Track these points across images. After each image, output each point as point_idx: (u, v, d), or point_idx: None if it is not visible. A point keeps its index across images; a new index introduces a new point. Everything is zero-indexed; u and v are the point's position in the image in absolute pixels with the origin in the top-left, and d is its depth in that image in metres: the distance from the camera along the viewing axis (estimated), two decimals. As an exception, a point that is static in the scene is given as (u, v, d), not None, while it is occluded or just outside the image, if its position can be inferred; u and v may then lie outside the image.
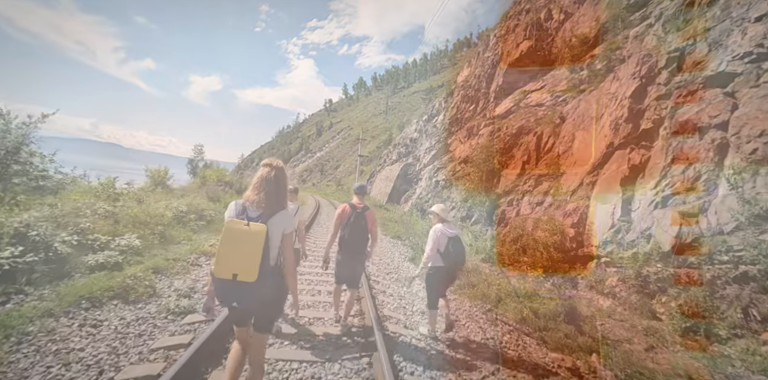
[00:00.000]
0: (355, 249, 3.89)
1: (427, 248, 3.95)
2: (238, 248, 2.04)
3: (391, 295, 5.57)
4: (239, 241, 2.05)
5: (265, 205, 2.20)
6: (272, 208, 2.21)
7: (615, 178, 7.40)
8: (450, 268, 3.96)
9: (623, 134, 7.67)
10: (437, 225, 4.04)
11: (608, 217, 7.05)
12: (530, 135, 12.90)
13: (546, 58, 18.60)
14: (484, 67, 24.45)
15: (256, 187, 2.25)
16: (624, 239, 6.59)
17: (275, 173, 2.28)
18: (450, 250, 3.88)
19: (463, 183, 14.19)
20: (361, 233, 3.87)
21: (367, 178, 36.10)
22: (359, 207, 3.94)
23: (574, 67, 14.93)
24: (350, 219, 3.87)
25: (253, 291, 2.11)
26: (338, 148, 78.01)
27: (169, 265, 5.31)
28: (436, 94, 44.34)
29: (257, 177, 2.28)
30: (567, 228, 7.63)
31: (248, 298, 2.13)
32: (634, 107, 7.70)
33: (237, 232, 2.06)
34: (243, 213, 2.17)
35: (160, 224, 6.85)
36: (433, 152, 24.56)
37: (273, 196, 2.24)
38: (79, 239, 4.73)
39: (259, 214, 2.17)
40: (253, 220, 2.13)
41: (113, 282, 4.07)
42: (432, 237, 3.95)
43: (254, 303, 2.16)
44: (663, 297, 5.49)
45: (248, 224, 2.08)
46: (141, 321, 3.58)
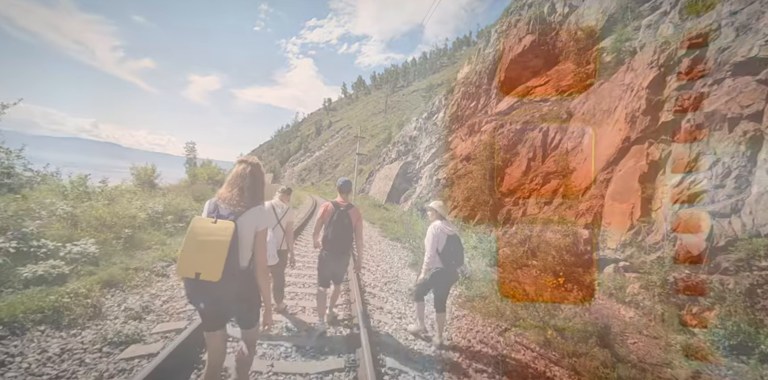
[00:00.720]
0: (338, 249, 3.78)
1: (427, 249, 3.74)
2: (201, 246, 1.95)
3: (389, 313, 4.53)
4: (203, 239, 1.96)
5: (237, 202, 2.10)
6: (243, 205, 2.11)
7: (632, 174, 6.82)
8: (449, 270, 3.72)
9: (641, 127, 7.09)
10: (436, 222, 3.81)
11: (626, 217, 6.47)
12: (535, 131, 12.33)
13: (550, 53, 18.06)
14: (485, 63, 23.89)
15: (230, 183, 2.16)
16: (645, 241, 6.01)
17: (250, 169, 2.21)
18: (449, 250, 3.67)
19: (465, 181, 13.60)
20: (344, 232, 3.76)
21: (366, 177, 35.51)
22: (342, 205, 3.82)
23: (580, 61, 14.40)
24: (333, 218, 3.76)
25: (220, 292, 2.00)
26: (337, 147, 77.41)
27: (127, 277, 4.57)
28: (436, 91, 43.75)
29: (232, 173, 2.20)
30: (580, 230, 7.05)
31: (216, 299, 2.03)
32: (652, 98, 7.12)
33: (202, 230, 1.98)
34: (214, 211, 2.11)
35: (129, 227, 6.15)
36: (434, 150, 23.98)
37: (247, 193, 2.15)
38: (19, 246, 4.03)
39: (231, 212, 2.07)
40: (223, 218, 2.04)
41: (46, 301, 3.29)
42: (431, 236, 3.73)
43: (223, 304, 2.07)
44: (693, 308, 4.91)
45: (215, 221, 2.01)
46: (67, 355, 2.78)
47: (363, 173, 38.02)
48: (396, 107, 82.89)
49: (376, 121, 78.21)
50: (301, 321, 3.96)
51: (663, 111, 6.93)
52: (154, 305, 3.96)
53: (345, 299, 4.83)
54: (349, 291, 5.08)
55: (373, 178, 32.47)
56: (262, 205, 2.23)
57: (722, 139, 5.85)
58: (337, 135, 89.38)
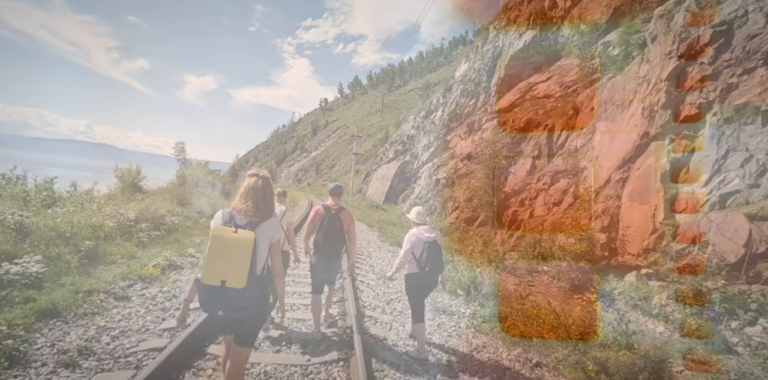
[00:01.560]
0: (330, 252, 3.81)
1: (401, 252, 3.78)
2: (226, 255, 2.04)
3: (394, 347, 3.79)
4: (228, 248, 2.05)
5: (252, 213, 2.21)
6: (259, 216, 2.23)
7: (653, 173, 6.29)
8: (427, 275, 3.69)
9: (660, 122, 6.57)
10: (412, 229, 3.83)
11: (648, 220, 5.94)
12: (540, 128, 11.81)
13: (552, 48, 17.58)
14: (484, 60, 23.40)
15: (243, 195, 2.27)
16: (671, 246, 5.48)
17: (262, 182, 2.32)
18: (425, 257, 3.66)
19: (467, 181, 13.06)
20: (335, 235, 3.79)
21: (363, 177, 34.92)
22: (334, 209, 3.86)
23: (584, 55, 13.91)
24: (324, 222, 3.79)
25: (240, 299, 2.09)
26: (334, 147, 76.77)
27: (75, 303, 3.78)
28: (433, 89, 43.19)
29: (244, 186, 2.31)
30: (596, 233, 6.52)
31: (235, 305, 2.11)
32: (672, 91, 6.60)
33: (225, 239, 2.06)
34: (231, 221, 2.17)
35: (91, 238, 5.42)
36: (432, 149, 23.46)
37: (260, 205, 2.26)
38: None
39: (247, 222, 2.18)
40: (240, 228, 2.12)
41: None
42: (407, 243, 3.75)
43: (240, 310, 2.14)
44: (733, 322, 4.38)
45: (236, 231, 2.08)
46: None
47: (360, 173, 37.45)
48: (393, 107, 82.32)
49: (372, 121, 77.62)
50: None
51: (685, 104, 6.41)
52: (98, 343, 3.19)
53: (341, 325, 4.29)
54: (345, 316, 4.54)
55: (370, 178, 31.89)
56: (275, 217, 2.36)
57: (755, 134, 5.34)
58: (333, 135, 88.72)
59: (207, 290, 2.05)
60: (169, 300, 4.57)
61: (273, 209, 2.37)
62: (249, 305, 2.13)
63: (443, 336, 4.22)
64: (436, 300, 5.27)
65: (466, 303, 5.33)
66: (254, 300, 2.16)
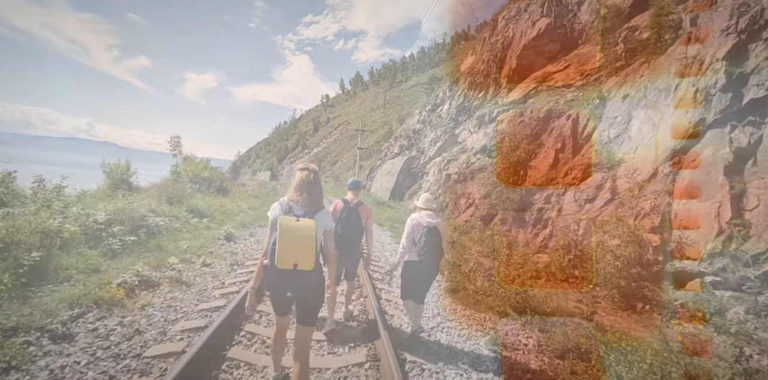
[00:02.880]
0: (348, 245, 3.88)
1: (402, 238, 3.80)
2: (295, 241, 2.24)
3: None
4: (295, 234, 2.25)
5: (309, 204, 2.47)
6: (314, 206, 2.49)
7: (713, 166, 5.47)
8: (423, 263, 3.68)
9: (719, 107, 5.74)
10: (413, 214, 3.88)
11: (711, 219, 5.13)
12: (562, 118, 10.97)
13: (567, 36, 16.69)
14: (492, 51, 22.48)
15: (298, 188, 2.51)
16: (744, 250, 4.68)
17: (313, 176, 2.56)
18: (424, 241, 3.64)
19: (482, 176, 12.25)
20: (354, 228, 3.88)
21: (366, 174, 34.09)
22: (352, 203, 3.96)
23: (606, 42, 13.05)
24: (342, 215, 3.86)
25: (307, 280, 2.33)
26: (336, 144, 75.88)
27: None
28: (438, 83, 42.21)
29: (298, 179, 2.53)
30: (646, 234, 5.71)
31: (303, 286, 2.33)
32: (732, 71, 5.76)
33: (292, 227, 2.26)
34: (290, 212, 2.40)
35: (41, 247, 4.25)
36: (440, 143, 22.61)
37: (314, 196, 2.51)
38: None
39: (305, 212, 2.42)
40: (300, 217, 2.35)
41: None
42: (407, 227, 3.78)
43: (307, 291, 2.37)
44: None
45: (298, 220, 2.31)
46: None
47: (363, 169, 36.63)
48: (395, 102, 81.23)
49: (375, 117, 76.65)
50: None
51: (749, 86, 5.57)
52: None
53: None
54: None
55: (374, 175, 31.05)
56: (326, 208, 2.61)
57: None
58: (335, 131, 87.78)
59: (279, 274, 2.27)
60: (129, 339, 3.24)
61: (323, 200, 2.59)
62: (314, 286, 2.39)
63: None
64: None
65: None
66: (319, 281, 2.43)
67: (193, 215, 8.43)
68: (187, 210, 8.37)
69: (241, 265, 6.46)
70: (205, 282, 5.24)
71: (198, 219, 8.28)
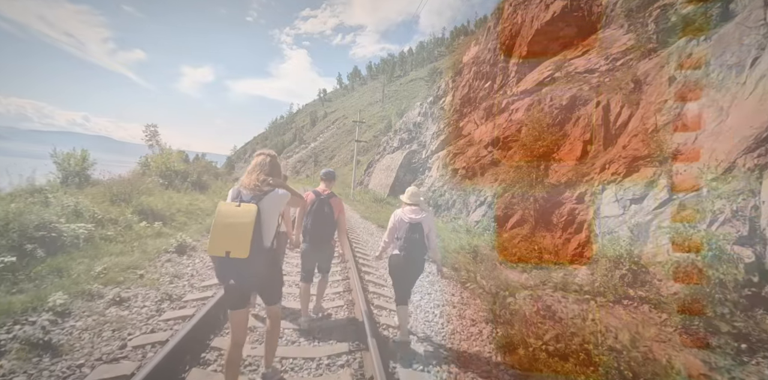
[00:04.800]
0: (319, 239, 3.70)
1: (384, 234, 3.73)
2: (228, 228, 2.14)
3: None
4: (229, 221, 2.15)
5: (256, 187, 2.34)
6: (263, 190, 2.34)
7: (824, 156, 4.17)
8: (404, 258, 3.53)
9: (829, 81, 4.42)
10: (396, 210, 3.71)
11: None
12: (590, 106, 9.65)
13: (585, 19, 15.32)
14: (500, 38, 21.03)
15: (250, 172, 2.43)
16: None
17: (269, 160, 2.49)
18: (405, 237, 3.51)
19: (496, 171, 10.91)
20: (325, 221, 3.69)
21: (364, 169, 32.68)
22: (324, 194, 3.76)
23: (633, 23, 11.76)
24: (313, 207, 3.68)
25: (248, 268, 2.22)
26: (333, 138, 74.32)
27: None
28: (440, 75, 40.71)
29: (252, 164, 2.47)
30: (728, 246, 4.40)
31: (243, 275, 2.24)
32: None
33: (227, 213, 2.17)
34: (237, 197, 2.33)
35: None
36: (442, 137, 21.24)
37: (263, 179, 2.38)
38: None
39: (252, 196, 2.31)
40: (245, 202, 2.25)
41: None
42: (390, 222, 3.68)
43: (251, 279, 2.29)
44: None
45: (239, 205, 2.21)
46: None
47: (361, 164, 35.22)
48: (394, 97, 79.59)
49: (373, 111, 75.06)
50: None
51: None
52: None
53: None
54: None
55: (372, 170, 29.65)
56: (278, 190, 2.42)
57: None
58: (332, 126, 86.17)
59: (217, 261, 2.23)
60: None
61: (279, 184, 2.45)
62: (256, 272, 2.28)
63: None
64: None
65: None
66: (262, 268, 2.31)
67: (142, 217, 6.66)
68: (133, 212, 6.63)
69: (178, 300, 4.17)
70: (91, 347, 3.01)
71: (147, 224, 6.53)
